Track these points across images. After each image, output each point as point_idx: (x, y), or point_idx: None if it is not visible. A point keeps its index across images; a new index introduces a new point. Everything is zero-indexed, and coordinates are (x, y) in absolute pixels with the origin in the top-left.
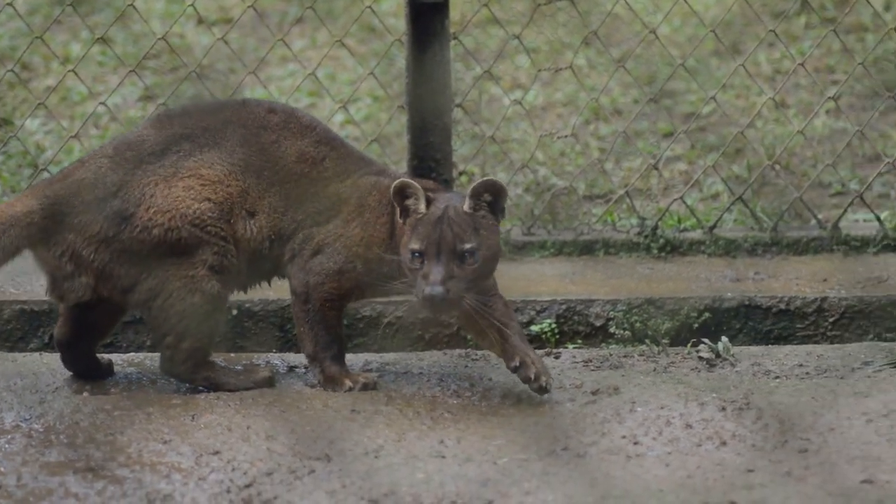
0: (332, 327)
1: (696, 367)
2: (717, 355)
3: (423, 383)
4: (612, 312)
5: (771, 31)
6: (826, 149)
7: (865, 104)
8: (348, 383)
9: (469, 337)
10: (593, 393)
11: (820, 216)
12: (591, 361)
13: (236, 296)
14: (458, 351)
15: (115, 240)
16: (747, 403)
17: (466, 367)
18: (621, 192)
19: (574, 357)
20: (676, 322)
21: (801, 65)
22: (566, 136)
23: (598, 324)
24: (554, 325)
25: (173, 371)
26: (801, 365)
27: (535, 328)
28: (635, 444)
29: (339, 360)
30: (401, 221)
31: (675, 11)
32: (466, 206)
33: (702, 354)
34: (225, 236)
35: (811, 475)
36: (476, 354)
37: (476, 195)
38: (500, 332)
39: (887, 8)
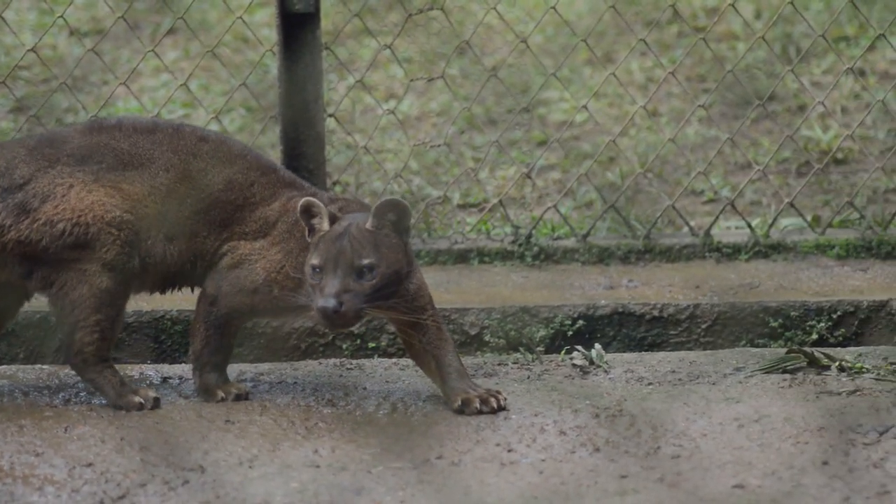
0: (226, 336)
1: (570, 375)
2: (591, 362)
3: (297, 393)
4: (486, 321)
5: (641, 40)
6: (698, 157)
7: (737, 112)
8: (220, 394)
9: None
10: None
11: (692, 223)
12: (466, 369)
13: None
14: (332, 360)
15: (12, 229)
16: (620, 410)
17: (341, 376)
18: (495, 200)
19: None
20: (551, 330)
21: (673, 73)
22: (440, 146)
23: (472, 332)
24: None
25: (69, 362)
26: (673, 371)
27: None
28: (509, 451)
29: (220, 370)
30: (308, 240)
31: (547, 21)
32: (369, 224)
33: (575, 362)
34: (131, 247)
35: (683, 481)
36: (351, 364)
37: (379, 214)
38: (438, 366)
39: (757, 16)
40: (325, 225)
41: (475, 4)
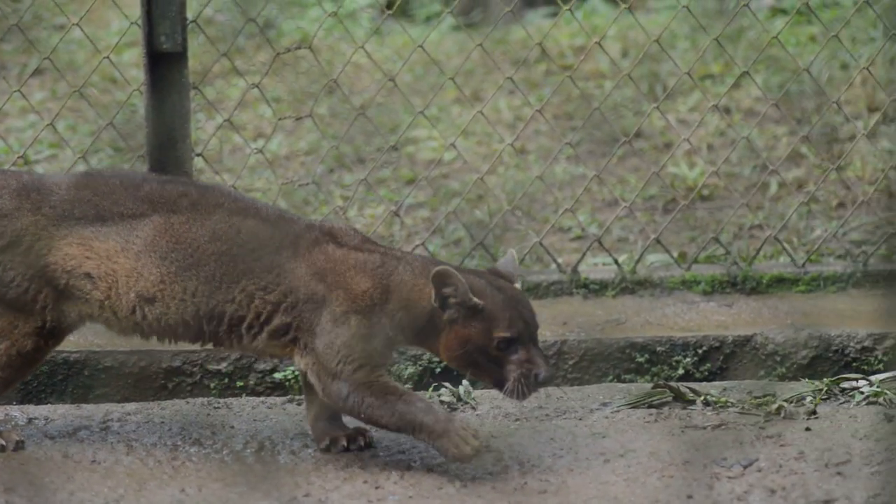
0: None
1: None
2: (459, 399)
3: (164, 432)
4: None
5: (509, 78)
6: (566, 194)
7: (604, 150)
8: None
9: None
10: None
11: (560, 260)
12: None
13: None
14: (200, 400)
15: None
16: (487, 446)
17: (209, 415)
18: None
19: None
20: (419, 367)
21: (540, 111)
22: (308, 185)
23: None
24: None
25: None
26: (540, 407)
27: (278, 375)
28: (377, 488)
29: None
30: (440, 312)
31: (415, 60)
32: (518, 285)
33: (443, 398)
34: (79, 313)
35: None
36: (218, 402)
37: (515, 272)
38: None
39: (624, 55)
40: (470, 297)
41: (343, 44)
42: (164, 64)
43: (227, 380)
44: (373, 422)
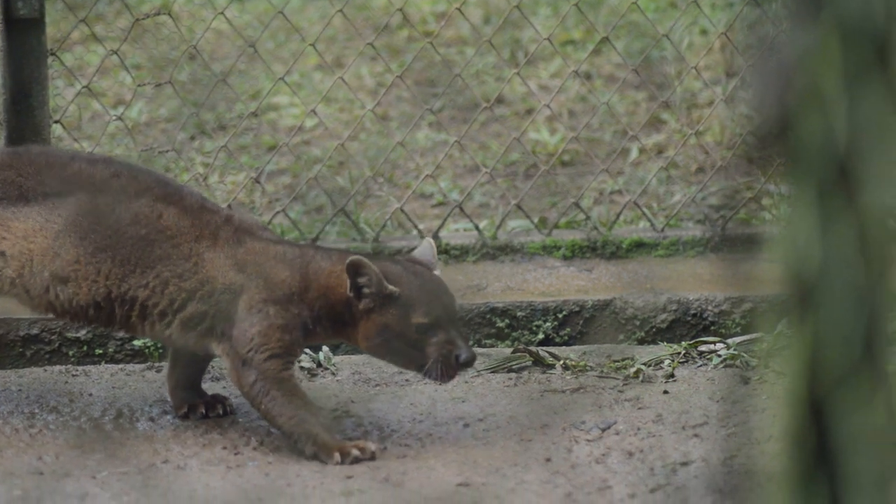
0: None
1: (299, 378)
2: (319, 365)
3: (21, 400)
4: None
5: (369, 44)
6: (427, 160)
7: (465, 116)
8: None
9: None
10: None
11: (421, 226)
12: None
13: None
14: (58, 367)
15: None
16: (347, 412)
17: (67, 382)
18: (225, 206)
19: None
20: None
21: (401, 78)
22: (168, 151)
23: None
24: None
25: None
26: (401, 373)
27: (137, 343)
28: (236, 454)
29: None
30: (356, 301)
31: (277, 26)
32: (437, 272)
33: (303, 364)
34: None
35: (409, 480)
36: (76, 370)
37: (433, 257)
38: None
39: (486, 21)
40: (385, 286)
41: (204, 10)
42: (21, 30)
43: (85, 347)
44: (269, 416)
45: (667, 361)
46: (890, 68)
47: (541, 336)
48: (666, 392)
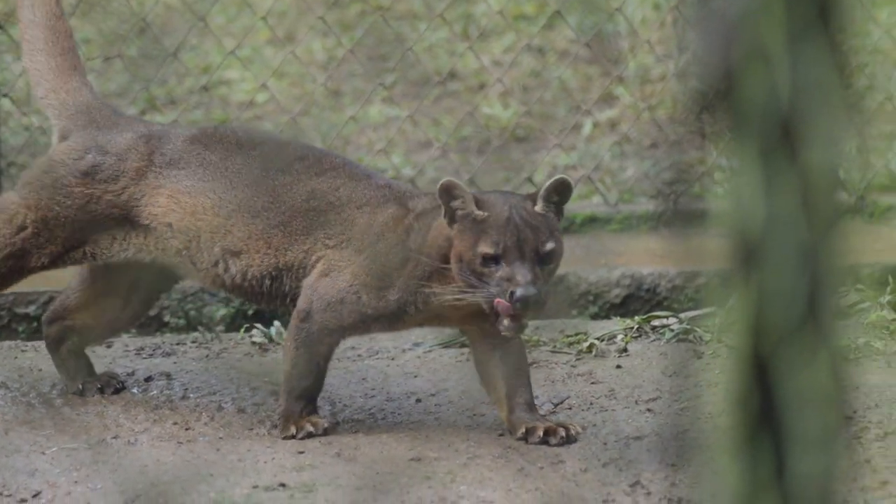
0: (316, 357)
1: (250, 353)
2: (270, 340)
3: None
4: (165, 301)
5: (320, 18)
6: (380, 135)
7: (418, 91)
8: (292, 430)
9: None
10: (146, 380)
11: None
12: (143, 349)
13: None
14: (8, 343)
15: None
16: None
17: (16, 358)
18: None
19: (127, 346)
20: (231, 309)
21: (352, 52)
22: None
23: (152, 313)
24: None
25: None
26: (353, 347)
27: None
28: (187, 429)
29: (309, 398)
30: (448, 226)
31: (229, 1)
32: (539, 207)
33: (255, 340)
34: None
35: (361, 455)
36: (26, 346)
37: (548, 195)
38: (508, 396)
39: None
40: (473, 208)
41: None
42: None
43: (35, 323)
44: (287, 346)
45: (620, 336)
46: (833, 26)
47: None
48: (619, 367)
